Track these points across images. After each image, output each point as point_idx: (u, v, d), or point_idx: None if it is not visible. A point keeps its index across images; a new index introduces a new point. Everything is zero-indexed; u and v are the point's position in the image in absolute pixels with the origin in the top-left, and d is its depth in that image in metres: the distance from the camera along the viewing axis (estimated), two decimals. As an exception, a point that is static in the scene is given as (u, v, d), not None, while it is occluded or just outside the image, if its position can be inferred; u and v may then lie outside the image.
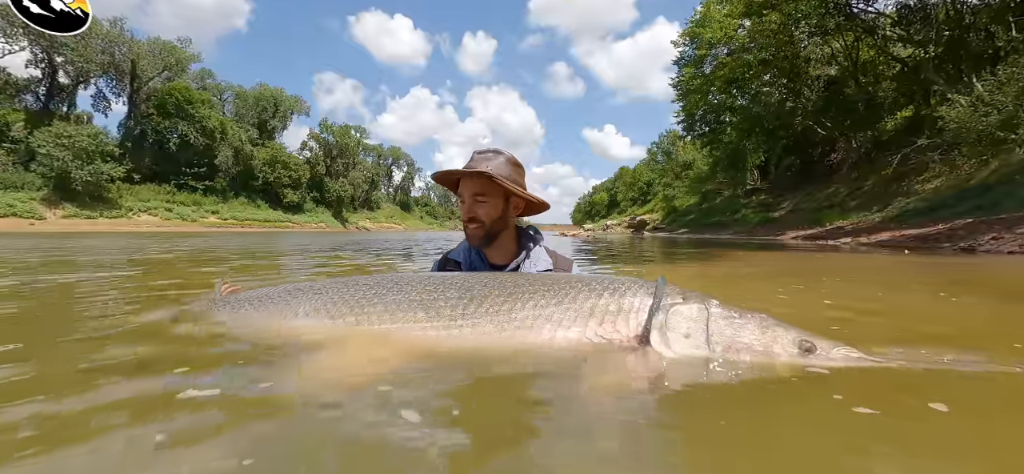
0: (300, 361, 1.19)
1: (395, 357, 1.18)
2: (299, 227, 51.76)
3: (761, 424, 0.86)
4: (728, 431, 0.83)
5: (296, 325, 1.39)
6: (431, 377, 1.07)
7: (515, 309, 1.24)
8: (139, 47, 46.11)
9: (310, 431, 0.81)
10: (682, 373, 1.06)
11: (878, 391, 1.01)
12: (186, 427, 0.82)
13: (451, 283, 1.38)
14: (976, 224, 9.26)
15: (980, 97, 13.15)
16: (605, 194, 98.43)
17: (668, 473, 0.71)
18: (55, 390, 0.98)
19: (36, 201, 33.41)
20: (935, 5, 18.51)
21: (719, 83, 25.98)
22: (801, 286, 3.26)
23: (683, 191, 44.43)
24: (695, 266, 5.52)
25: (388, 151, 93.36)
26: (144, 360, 1.24)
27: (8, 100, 38.67)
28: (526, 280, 1.36)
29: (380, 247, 10.69)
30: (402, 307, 1.32)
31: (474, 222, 1.59)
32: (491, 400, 0.98)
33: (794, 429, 0.85)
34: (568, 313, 1.22)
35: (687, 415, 0.90)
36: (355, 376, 1.06)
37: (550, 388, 1.01)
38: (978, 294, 2.83)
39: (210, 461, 0.70)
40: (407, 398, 0.93)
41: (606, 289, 1.27)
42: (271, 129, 61.60)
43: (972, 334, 1.79)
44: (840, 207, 19.04)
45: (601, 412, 0.91)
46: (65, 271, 3.84)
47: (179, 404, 0.91)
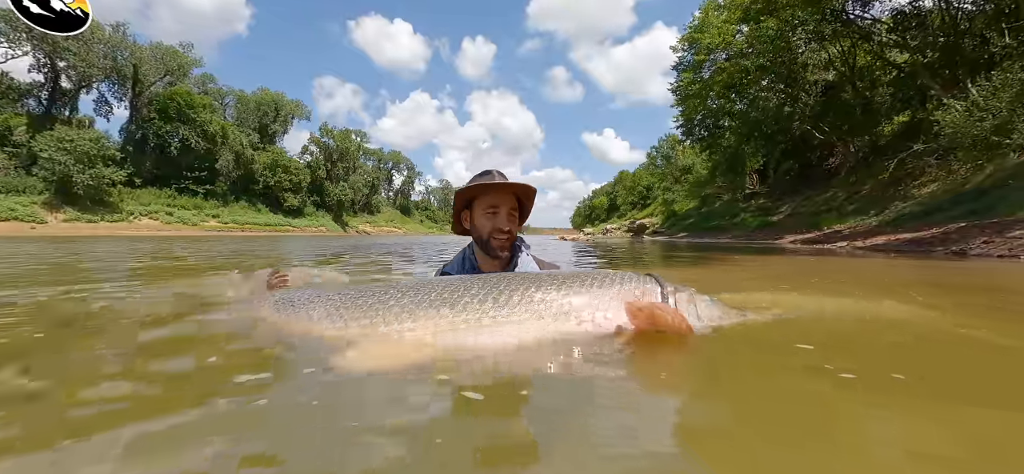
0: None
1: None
2: (299, 231, 51.90)
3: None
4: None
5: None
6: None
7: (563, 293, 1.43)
8: (141, 52, 46.43)
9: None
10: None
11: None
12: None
13: (486, 283, 1.46)
14: (969, 228, 9.36)
15: (975, 102, 13.28)
16: (605, 198, 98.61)
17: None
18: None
19: (37, 205, 33.55)
20: (930, 11, 18.70)
21: (718, 88, 26.17)
22: (787, 285, 3.36)
23: (682, 195, 44.58)
24: (695, 270, 5.61)
25: (388, 155, 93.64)
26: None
27: (11, 104, 38.89)
28: (562, 276, 1.51)
29: (403, 250, 10.79)
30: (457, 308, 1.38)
31: (505, 234, 1.72)
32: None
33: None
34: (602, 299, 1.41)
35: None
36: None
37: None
38: (950, 295, 2.92)
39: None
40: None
41: (626, 279, 1.50)
42: (272, 133, 61.87)
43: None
44: (838, 211, 19.14)
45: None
46: (94, 280, 3.82)
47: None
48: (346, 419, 0.86)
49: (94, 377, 1.11)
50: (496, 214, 1.71)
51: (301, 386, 1.03)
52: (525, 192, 1.77)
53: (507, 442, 0.77)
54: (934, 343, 1.56)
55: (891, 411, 0.91)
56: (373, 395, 0.98)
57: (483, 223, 1.73)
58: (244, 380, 1.03)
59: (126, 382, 1.07)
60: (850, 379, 1.08)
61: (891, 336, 1.66)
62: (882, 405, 0.94)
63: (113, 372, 1.16)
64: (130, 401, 0.95)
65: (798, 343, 1.39)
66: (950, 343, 1.57)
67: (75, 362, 1.29)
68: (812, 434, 0.83)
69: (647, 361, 1.20)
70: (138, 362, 1.24)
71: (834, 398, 0.99)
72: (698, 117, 30.45)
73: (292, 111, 64.73)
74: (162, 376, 1.13)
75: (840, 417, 0.90)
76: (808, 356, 1.28)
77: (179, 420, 0.84)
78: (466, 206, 1.82)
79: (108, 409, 0.90)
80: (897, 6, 19.56)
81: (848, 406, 0.95)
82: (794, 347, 1.36)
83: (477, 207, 1.75)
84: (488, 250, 1.75)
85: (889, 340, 1.59)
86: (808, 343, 1.39)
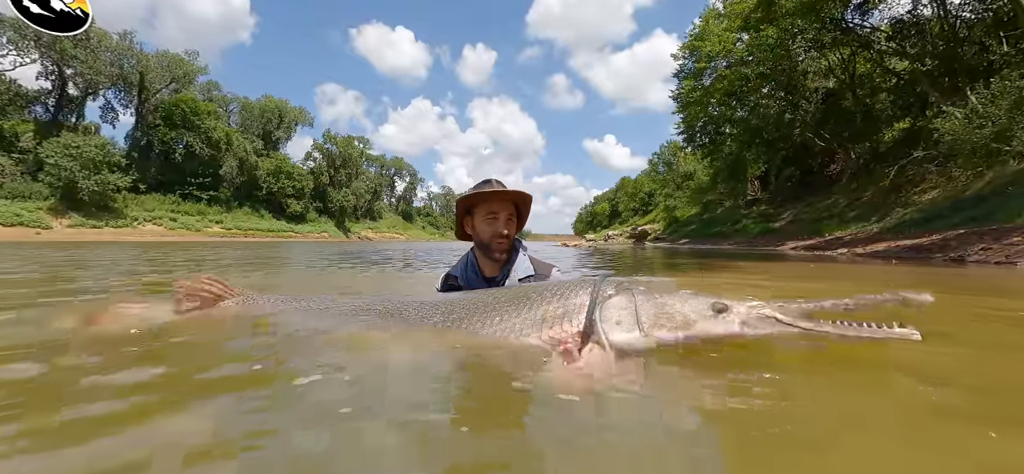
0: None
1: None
2: (302, 237, 52.08)
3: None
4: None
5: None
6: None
7: (495, 322, 1.50)
8: (148, 59, 46.95)
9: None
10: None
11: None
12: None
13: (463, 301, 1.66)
14: (968, 235, 9.41)
15: (974, 109, 13.35)
16: (607, 204, 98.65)
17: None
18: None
19: (43, 211, 33.78)
20: (929, 20, 18.83)
21: (718, 95, 26.30)
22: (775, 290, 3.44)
23: (684, 201, 44.61)
24: (694, 278, 5.69)
25: (391, 162, 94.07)
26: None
27: (18, 111, 39.27)
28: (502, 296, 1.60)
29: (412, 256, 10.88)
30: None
31: (504, 239, 1.85)
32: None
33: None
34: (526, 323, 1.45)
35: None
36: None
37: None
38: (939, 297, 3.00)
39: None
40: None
41: (554, 295, 1.49)
42: (276, 140, 62.25)
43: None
44: (839, 218, 19.16)
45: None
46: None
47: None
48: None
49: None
50: (495, 220, 1.83)
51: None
52: (522, 199, 1.90)
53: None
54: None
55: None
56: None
57: (483, 228, 1.86)
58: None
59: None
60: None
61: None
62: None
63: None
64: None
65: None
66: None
67: None
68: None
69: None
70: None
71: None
72: (699, 124, 30.58)
73: (296, 118, 65.16)
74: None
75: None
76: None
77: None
78: (467, 213, 1.94)
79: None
80: (896, 15, 19.71)
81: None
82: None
83: (477, 213, 1.88)
84: (488, 253, 1.88)
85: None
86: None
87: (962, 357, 1.49)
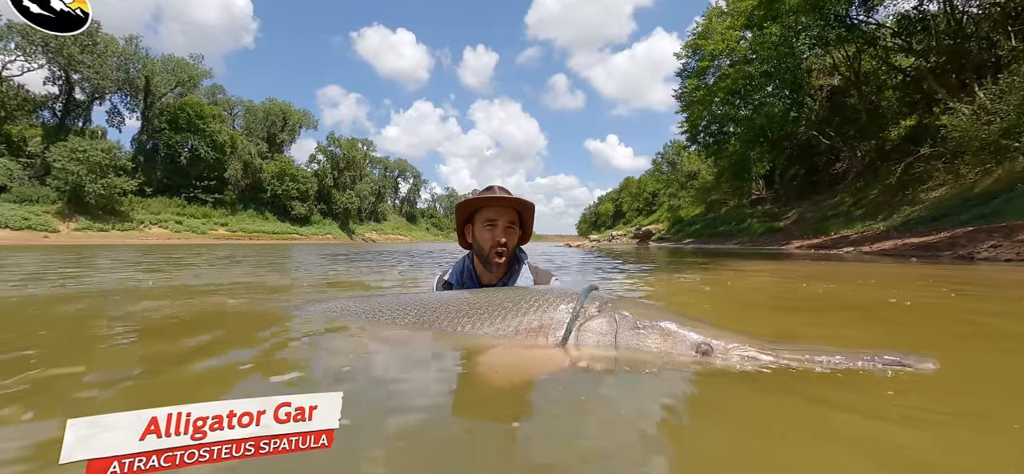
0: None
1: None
2: (306, 239, 52.29)
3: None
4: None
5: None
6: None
7: (465, 326, 1.51)
8: (153, 64, 47.33)
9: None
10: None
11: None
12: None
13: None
14: (977, 232, 9.26)
15: (982, 105, 13.20)
16: (610, 204, 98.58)
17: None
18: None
19: (50, 214, 34.12)
20: (935, 16, 18.62)
21: (722, 94, 26.16)
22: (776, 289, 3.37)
23: (688, 201, 44.42)
24: (696, 277, 5.62)
25: (395, 163, 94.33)
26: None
27: (26, 116, 39.73)
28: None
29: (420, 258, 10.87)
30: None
31: (503, 247, 1.76)
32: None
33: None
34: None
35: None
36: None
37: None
38: (946, 300, 2.93)
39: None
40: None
41: (532, 306, 1.45)
42: (280, 143, 62.59)
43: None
44: (845, 216, 18.97)
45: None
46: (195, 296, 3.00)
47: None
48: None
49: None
50: (494, 227, 1.76)
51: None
52: (523, 206, 1.81)
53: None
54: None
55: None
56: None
57: (482, 235, 1.78)
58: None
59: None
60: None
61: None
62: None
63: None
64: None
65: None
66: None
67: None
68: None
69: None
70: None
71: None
72: (703, 123, 30.42)
73: (299, 120, 65.49)
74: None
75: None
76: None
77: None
78: (468, 220, 1.87)
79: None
80: (902, 10, 19.51)
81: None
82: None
83: (477, 220, 1.81)
84: (486, 262, 1.80)
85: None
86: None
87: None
